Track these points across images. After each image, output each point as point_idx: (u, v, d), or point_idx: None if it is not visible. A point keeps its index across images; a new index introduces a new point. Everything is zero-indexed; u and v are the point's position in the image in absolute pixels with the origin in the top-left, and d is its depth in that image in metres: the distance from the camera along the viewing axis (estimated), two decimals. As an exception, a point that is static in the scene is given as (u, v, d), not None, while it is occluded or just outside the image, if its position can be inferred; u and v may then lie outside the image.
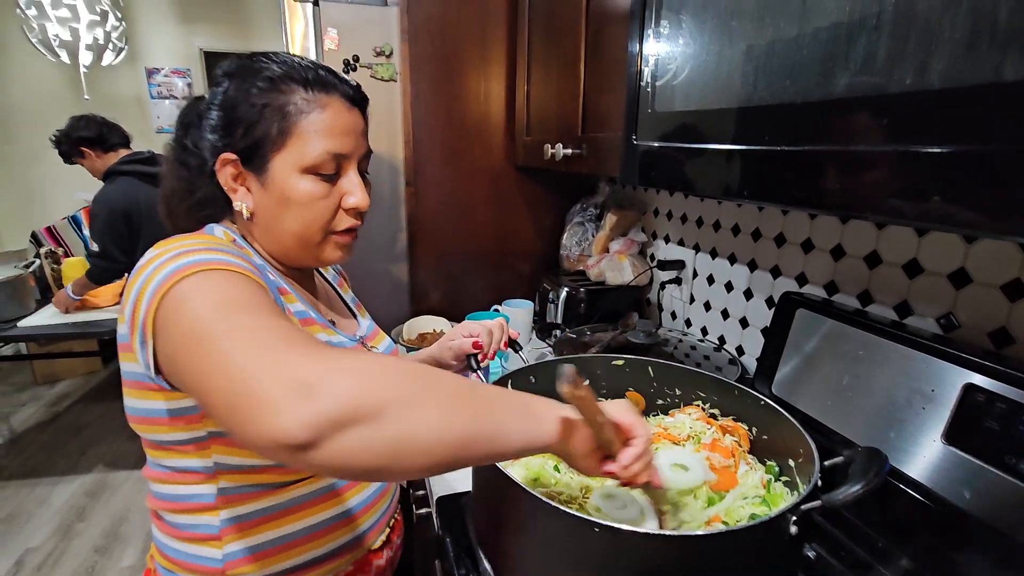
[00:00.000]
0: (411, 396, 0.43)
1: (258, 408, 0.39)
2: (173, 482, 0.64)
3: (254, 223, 0.67)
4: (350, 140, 0.66)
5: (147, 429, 0.62)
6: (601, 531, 0.47)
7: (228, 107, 0.64)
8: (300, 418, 0.38)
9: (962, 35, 0.33)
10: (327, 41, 1.44)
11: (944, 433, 0.67)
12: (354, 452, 0.40)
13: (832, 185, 0.46)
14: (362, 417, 0.40)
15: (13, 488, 2.44)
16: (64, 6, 2.62)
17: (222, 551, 0.64)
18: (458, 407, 0.45)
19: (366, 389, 0.41)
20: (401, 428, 0.41)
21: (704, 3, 0.63)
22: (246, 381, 0.41)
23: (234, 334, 0.45)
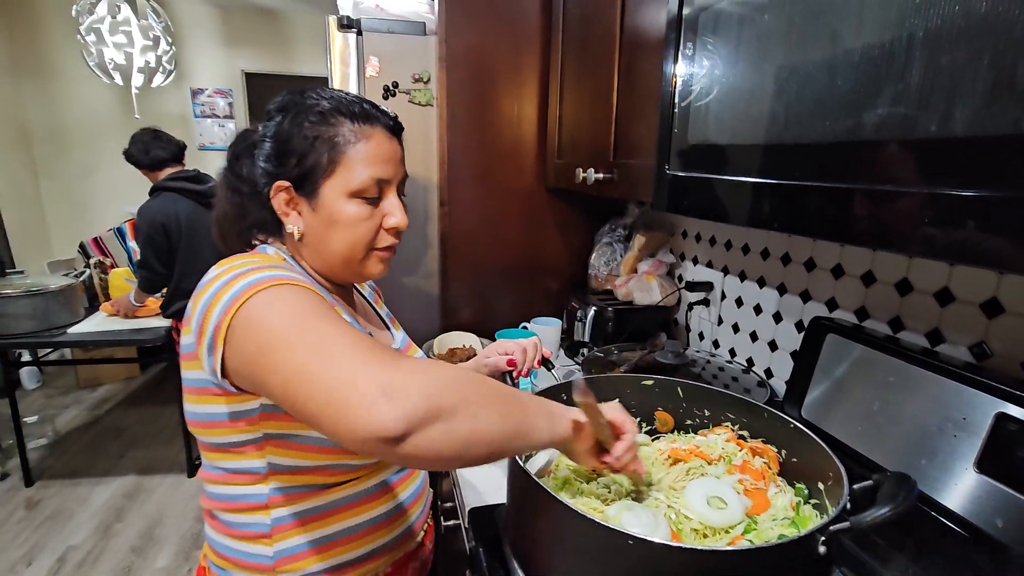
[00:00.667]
0: (476, 398, 0.52)
1: (356, 408, 0.47)
2: (228, 483, 0.69)
3: (303, 244, 0.73)
4: (391, 166, 0.72)
5: (206, 432, 0.67)
6: (635, 543, 0.49)
7: (282, 139, 0.70)
8: (394, 416, 0.46)
9: (984, 88, 0.36)
10: (369, 68, 1.51)
11: (976, 461, 0.68)
12: (435, 443, 0.48)
13: (860, 221, 0.48)
14: (442, 414, 0.48)
15: (57, 487, 2.55)
16: (121, 32, 2.79)
17: (272, 548, 0.69)
18: (508, 407, 0.55)
19: (442, 391, 0.49)
20: (471, 424, 0.50)
21: (736, 44, 0.67)
22: (340, 385, 0.48)
23: (318, 342, 0.52)
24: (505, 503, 0.80)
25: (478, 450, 0.51)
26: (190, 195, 2.31)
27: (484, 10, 1.49)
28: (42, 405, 3.38)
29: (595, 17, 1.25)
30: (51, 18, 3.80)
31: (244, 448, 0.67)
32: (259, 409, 0.65)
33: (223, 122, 4.28)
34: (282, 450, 0.67)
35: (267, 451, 0.67)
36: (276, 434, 0.66)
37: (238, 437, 0.66)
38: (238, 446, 0.67)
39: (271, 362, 0.53)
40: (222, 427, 0.66)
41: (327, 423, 0.48)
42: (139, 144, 2.30)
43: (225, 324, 0.56)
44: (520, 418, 0.56)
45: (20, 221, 3.76)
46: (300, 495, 0.69)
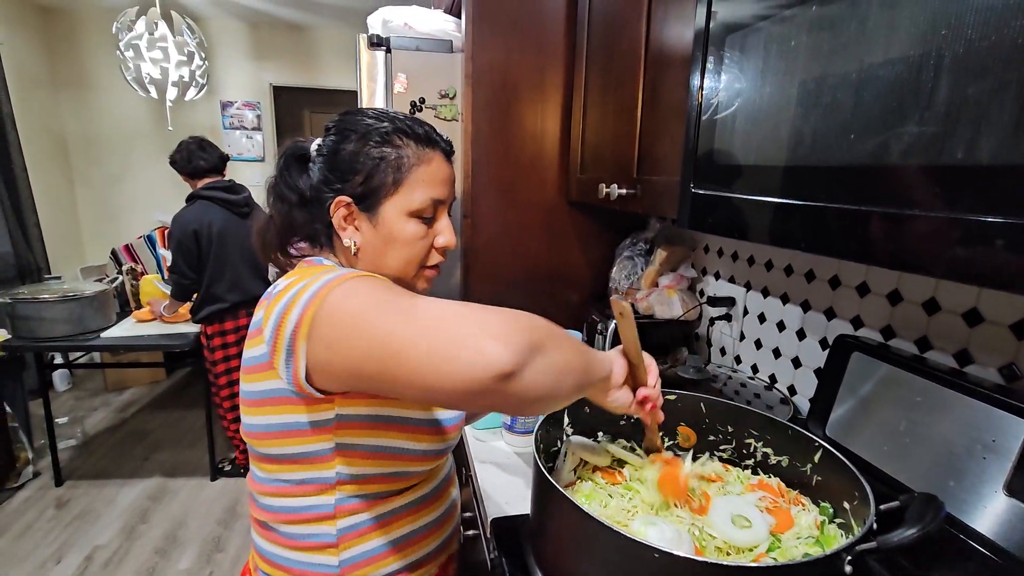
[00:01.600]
0: (554, 333, 0.57)
1: (471, 350, 0.49)
2: (292, 495, 0.69)
3: (358, 258, 0.74)
4: (446, 188, 0.75)
5: (277, 443, 0.67)
6: (660, 556, 0.50)
7: (346, 157, 0.71)
8: (506, 352, 0.50)
9: (1011, 117, 0.37)
10: (397, 85, 1.56)
11: (1006, 484, 0.67)
12: (540, 375, 0.52)
13: (886, 243, 0.49)
14: (540, 348, 0.53)
15: (84, 487, 2.61)
16: (158, 48, 2.90)
17: (338, 558, 0.70)
18: (574, 346, 0.60)
19: (529, 328, 0.53)
20: (560, 355, 0.55)
21: (763, 63, 0.68)
22: (443, 337, 0.51)
23: (405, 310, 0.54)
24: (528, 513, 0.81)
25: (567, 381, 0.57)
26: (223, 204, 2.38)
27: (510, 28, 1.53)
28: (72, 407, 3.48)
29: (620, 33, 1.27)
30: (91, 34, 3.96)
31: (316, 459, 0.67)
32: (335, 419, 0.66)
33: (251, 134, 4.39)
34: (352, 459, 0.68)
35: (337, 461, 0.67)
36: (348, 444, 0.67)
37: (311, 447, 0.66)
38: (309, 456, 0.67)
39: (361, 342, 0.54)
40: (296, 437, 0.66)
41: (437, 375, 0.50)
42: (184, 152, 2.40)
43: (305, 324, 0.57)
44: (585, 351, 0.61)
45: (56, 227, 3.89)
46: (365, 504, 0.71)
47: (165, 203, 4.17)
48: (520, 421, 1.18)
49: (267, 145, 4.44)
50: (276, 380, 0.63)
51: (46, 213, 3.71)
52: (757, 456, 0.83)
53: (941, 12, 0.44)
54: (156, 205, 4.18)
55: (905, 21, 0.48)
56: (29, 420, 2.80)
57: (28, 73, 3.69)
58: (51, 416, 2.58)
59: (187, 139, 2.43)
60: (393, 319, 0.53)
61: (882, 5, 0.51)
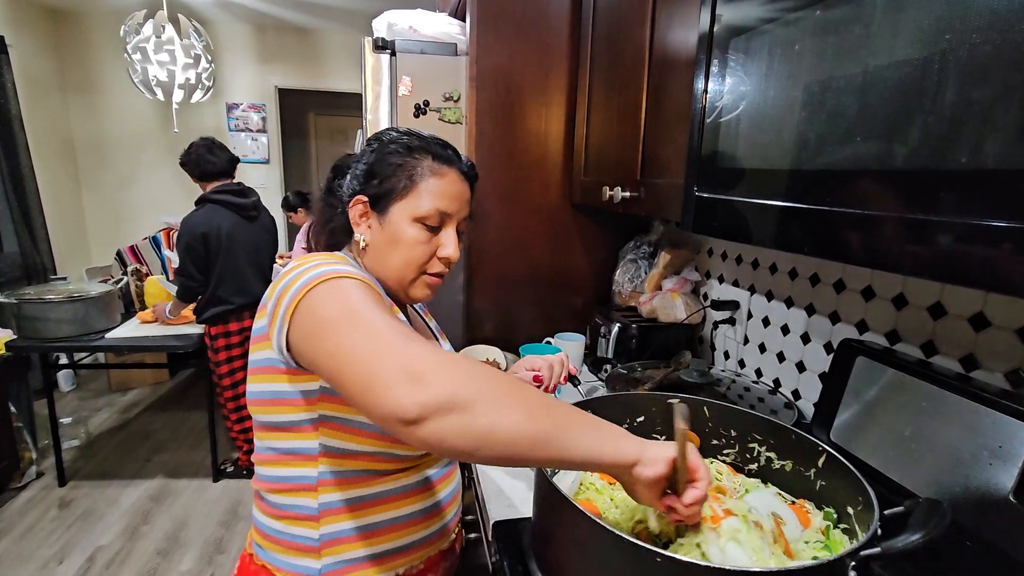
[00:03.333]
0: (501, 397, 0.53)
1: (382, 387, 0.51)
2: (279, 463, 0.74)
3: (367, 254, 0.81)
4: (456, 204, 0.80)
5: (267, 410, 0.73)
6: (663, 561, 0.50)
7: (371, 162, 0.80)
8: (411, 400, 0.50)
9: (1015, 122, 0.37)
10: (401, 87, 1.56)
11: (1013, 490, 0.66)
12: (449, 434, 0.50)
13: (890, 247, 0.49)
14: (460, 407, 0.50)
15: (87, 488, 2.62)
16: (164, 51, 2.92)
17: (319, 532, 0.74)
18: (538, 413, 0.54)
19: (465, 386, 0.52)
20: (490, 421, 0.51)
21: (767, 67, 0.68)
22: (373, 366, 0.53)
23: (364, 328, 0.57)
24: (530, 517, 0.80)
25: (494, 449, 0.51)
26: (232, 208, 2.39)
27: (514, 31, 1.53)
28: (76, 407, 3.49)
29: (624, 36, 1.27)
30: (99, 37, 4.00)
31: (300, 428, 0.72)
32: (319, 390, 0.70)
33: (256, 136, 4.41)
34: (335, 432, 0.72)
35: (321, 432, 0.72)
36: (331, 416, 0.71)
37: (297, 416, 0.71)
38: (295, 425, 0.72)
39: (323, 344, 0.59)
40: (283, 405, 0.71)
41: (359, 400, 0.54)
42: (192, 155, 2.41)
43: (293, 306, 0.63)
44: (553, 428, 0.54)
45: (62, 229, 3.92)
46: (348, 481, 0.74)
47: (170, 205, 4.20)
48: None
49: (272, 147, 4.46)
50: (270, 350, 0.69)
51: (53, 214, 3.73)
52: (761, 460, 0.82)
53: (945, 16, 0.44)
54: (161, 207, 4.21)
55: (909, 25, 0.47)
56: (33, 420, 2.81)
57: (36, 76, 3.72)
58: (55, 416, 2.59)
59: (197, 141, 2.43)
60: (353, 335, 0.57)
61: (886, 9, 0.50)
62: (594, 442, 0.56)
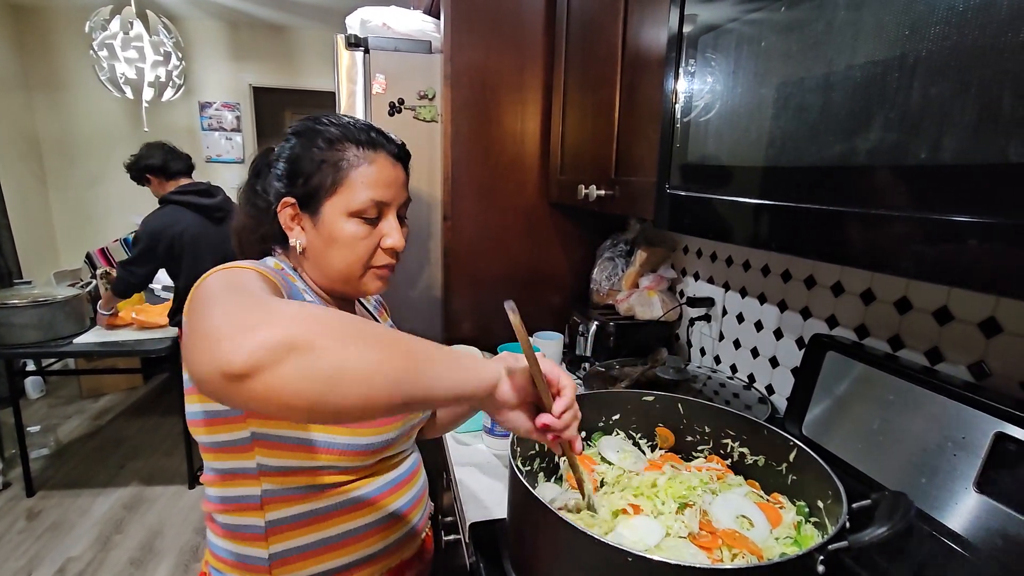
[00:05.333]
0: (345, 334, 0.45)
1: (207, 343, 0.42)
2: (222, 484, 0.72)
3: (305, 257, 0.77)
4: (391, 190, 0.75)
5: (196, 431, 0.71)
6: (633, 560, 0.50)
7: (293, 160, 0.75)
8: (239, 348, 0.40)
9: (971, 118, 0.37)
10: (375, 85, 1.54)
11: (976, 481, 0.68)
12: (288, 381, 0.41)
13: (854, 243, 0.49)
14: (297, 348, 0.42)
15: (57, 498, 2.55)
16: (132, 48, 2.84)
17: (268, 551, 0.71)
18: (390, 348, 0.47)
19: (302, 326, 0.43)
20: (334, 359, 0.43)
21: (735, 66, 0.68)
22: (205, 327, 0.44)
23: (217, 299, 0.49)
24: (505, 518, 0.80)
25: (347, 391, 0.43)
26: (195, 209, 2.33)
27: (489, 29, 1.52)
28: (45, 415, 3.39)
29: (598, 36, 1.27)
30: (63, 32, 3.88)
31: (235, 447, 0.69)
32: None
33: (230, 135, 4.33)
34: (270, 450, 0.69)
35: (256, 451, 0.69)
36: (262, 433, 0.68)
37: (230, 436, 0.68)
38: (229, 445, 0.69)
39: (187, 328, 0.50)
40: (215, 425, 0.69)
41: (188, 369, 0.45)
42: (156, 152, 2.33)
43: (187, 308, 0.56)
44: (412, 364, 0.48)
45: (28, 231, 3.80)
46: (294, 497, 0.71)
47: (142, 205, 4.06)
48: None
49: (247, 147, 4.38)
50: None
51: (18, 216, 3.62)
52: (734, 456, 0.83)
53: (904, 14, 0.45)
54: (132, 208, 4.09)
55: (870, 22, 0.48)
56: (0, 429, 2.72)
57: (-2, 73, 3.60)
58: (22, 425, 2.51)
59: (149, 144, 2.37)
60: (210, 306, 0.47)
61: (848, 7, 0.51)
62: (457, 374, 0.52)
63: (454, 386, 0.52)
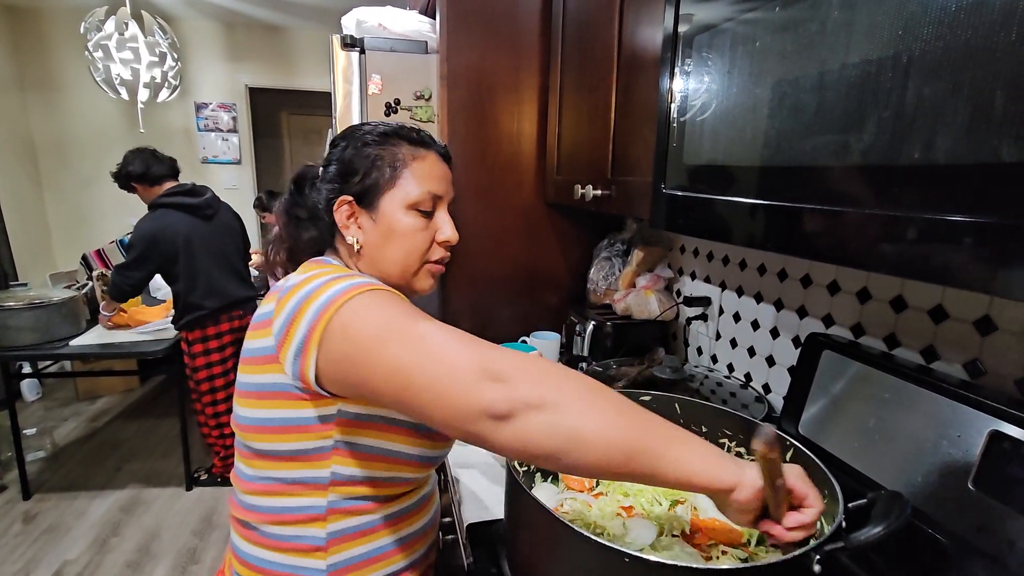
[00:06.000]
0: (588, 398, 0.51)
1: (464, 388, 0.50)
2: (282, 494, 0.69)
3: (361, 255, 0.77)
4: (443, 184, 0.79)
5: (275, 438, 0.66)
6: (631, 561, 0.50)
7: (345, 161, 0.77)
8: (500, 396, 0.49)
9: (964, 118, 0.37)
10: (371, 86, 1.54)
11: (972, 479, 0.68)
12: (536, 432, 0.49)
13: (848, 243, 0.49)
14: (549, 405, 0.49)
15: (54, 500, 2.54)
16: (128, 48, 2.83)
17: (326, 562, 0.69)
18: (628, 417, 0.51)
19: (552, 384, 0.50)
20: (577, 422, 0.49)
21: (730, 66, 0.68)
22: (447, 370, 0.51)
23: (416, 336, 0.55)
24: (502, 519, 0.80)
25: (583, 452, 0.49)
26: (185, 209, 2.33)
27: (485, 29, 1.52)
28: (41, 417, 3.38)
29: (594, 36, 1.27)
30: (58, 33, 3.87)
31: (313, 456, 0.67)
32: (337, 415, 0.65)
33: (226, 136, 4.32)
34: (348, 458, 0.68)
35: (333, 459, 0.67)
36: (346, 442, 0.67)
37: (310, 443, 0.66)
38: (306, 454, 0.66)
39: (376, 361, 0.55)
40: (295, 432, 0.66)
41: (437, 409, 0.51)
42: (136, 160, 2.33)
43: (320, 328, 0.59)
44: (650, 437, 0.50)
45: (24, 233, 3.78)
46: (357, 508, 0.70)
47: (138, 207, 4.05)
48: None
49: (243, 147, 4.37)
50: (279, 374, 0.63)
51: (13, 218, 3.60)
52: (731, 455, 0.83)
53: (897, 14, 0.45)
54: (128, 209, 4.07)
55: (863, 22, 0.48)
56: (-5, 432, 2.72)
57: (-8, 74, 3.58)
58: (18, 427, 2.50)
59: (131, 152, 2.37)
60: (400, 348, 0.54)
61: (841, 7, 0.51)
62: (690, 461, 0.51)
63: (685, 476, 0.51)
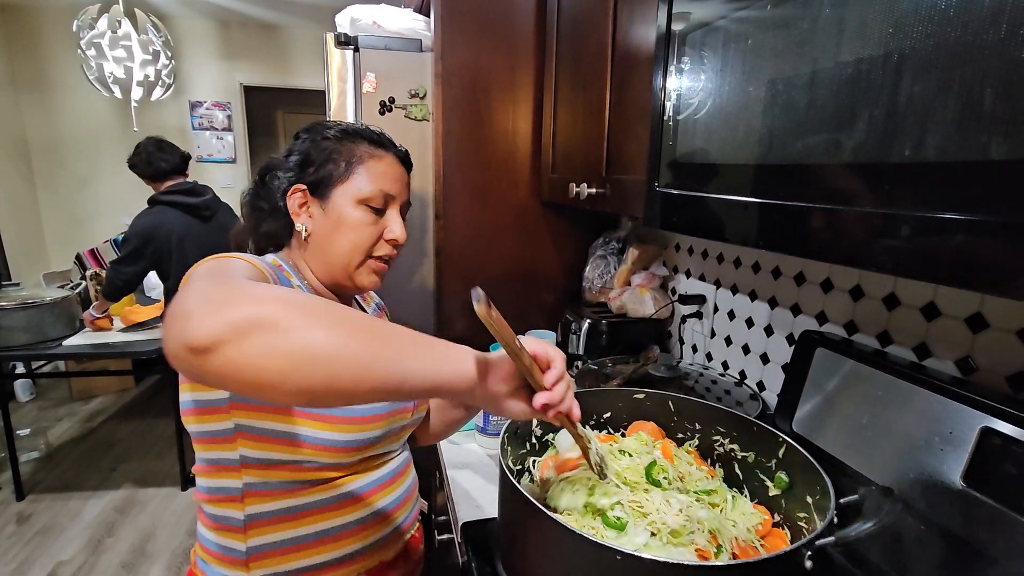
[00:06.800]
0: (314, 315, 0.45)
1: (176, 319, 0.43)
2: (209, 475, 0.73)
3: (308, 244, 0.79)
4: (397, 185, 0.80)
5: (186, 420, 0.73)
6: (623, 558, 0.50)
7: (304, 152, 0.80)
8: (204, 323, 0.41)
9: (953, 115, 0.37)
10: (366, 84, 1.53)
11: (963, 475, 0.68)
12: (250, 357, 0.41)
13: (840, 240, 0.49)
14: (261, 325, 0.42)
15: (48, 501, 2.52)
16: (121, 46, 2.82)
17: (246, 544, 0.72)
18: (360, 332, 0.46)
19: (270, 305, 0.43)
20: (302, 338, 0.43)
21: (723, 66, 0.68)
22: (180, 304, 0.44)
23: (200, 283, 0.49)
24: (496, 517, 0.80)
25: (311, 372, 0.43)
26: (184, 208, 2.32)
27: (479, 28, 1.52)
28: (35, 418, 3.36)
29: (588, 35, 1.27)
30: (50, 32, 3.84)
31: (220, 438, 0.70)
32: (229, 398, 0.68)
33: (221, 134, 4.30)
34: (252, 442, 0.70)
35: (239, 443, 0.70)
36: (246, 425, 0.69)
37: (216, 426, 0.70)
38: (215, 436, 0.70)
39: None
40: (203, 414, 0.71)
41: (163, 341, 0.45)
42: (142, 154, 2.32)
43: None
44: (384, 347, 0.47)
45: (17, 233, 3.76)
46: (274, 492, 0.72)
47: (132, 206, 4.03)
48: (492, 423, 1.17)
49: (238, 146, 4.36)
50: None
51: (6, 217, 3.58)
52: (724, 452, 0.83)
53: (888, 12, 0.45)
54: (122, 208, 4.07)
55: (854, 20, 0.48)
56: (-12, 433, 2.69)
57: (-16, 72, 3.56)
58: (11, 428, 2.49)
59: (144, 140, 2.35)
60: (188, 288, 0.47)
61: (832, 5, 0.51)
62: (435, 362, 0.50)
63: (431, 374, 0.49)
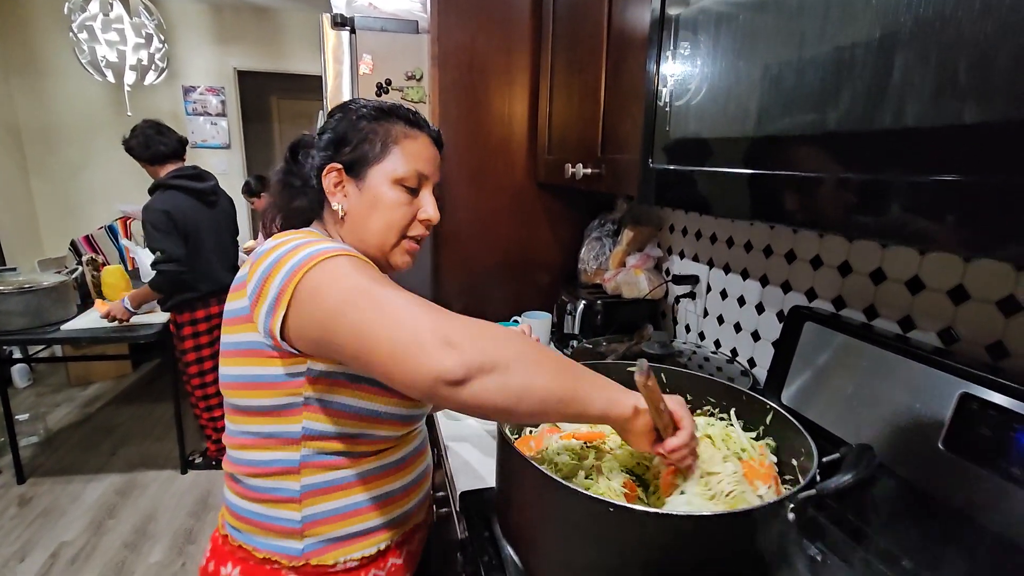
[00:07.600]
0: (532, 357, 0.57)
1: (419, 353, 0.53)
2: (259, 448, 0.73)
3: (344, 223, 0.80)
4: (431, 165, 0.82)
5: (249, 394, 0.71)
6: (616, 510, 0.52)
7: (340, 130, 0.79)
8: (454, 362, 0.53)
9: (930, 85, 0.39)
10: (362, 66, 1.54)
11: (943, 439, 0.71)
12: (491, 392, 0.54)
13: (829, 208, 0.52)
14: (499, 368, 0.54)
15: (48, 484, 2.55)
16: (113, 30, 2.79)
17: (301, 513, 0.73)
18: (563, 371, 0.59)
19: (500, 348, 0.56)
20: (524, 379, 0.56)
21: (715, 44, 0.70)
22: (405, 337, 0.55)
23: (381, 301, 0.58)
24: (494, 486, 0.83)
25: (529, 404, 0.56)
26: (190, 193, 2.31)
27: (476, 9, 1.52)
28: (33, 403, 3.37)
29: (584, 17, 1.28)
30: (42, 15, 3.79)
31: (284, 411, 0.71)
32: (306, 372, 0.69)
33: (215, 120, 4.28)
34: (319, 415, 0.71)
35: (304, 415, 0.71)
36: (316, 399, 0.70)
37: (281, 400, 0.70)
38: (278, 409, 0.71)
39: (340, 323, 0.59)
40: (266, 388, 0.70)
41: (394, 370, 0.55)
42: (140, 137, 2.28)
43: (290, 289, 0.62)
44: (574, 385, 0.59)
45: (11, 219, 3.74)
46: (330, 463, 0.74)
47: (126, 192, 4.04)
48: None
49: (232, 131, 4.33)
50: (253, 332, 0.67)
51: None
52: (715, 422, 0.86)
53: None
54: (117, 194, 4.05)
55: (840, -7, 0.50)
56: (-13, 418, 2.71)
57: (-26, 56, 3.52)
58: (10, 413, 2.50)
59: (141, 123, 2.32)
60: (363, 311, 0.57)
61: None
62: (605, 399, 0.61)
63: (602, 410, 0.61)
